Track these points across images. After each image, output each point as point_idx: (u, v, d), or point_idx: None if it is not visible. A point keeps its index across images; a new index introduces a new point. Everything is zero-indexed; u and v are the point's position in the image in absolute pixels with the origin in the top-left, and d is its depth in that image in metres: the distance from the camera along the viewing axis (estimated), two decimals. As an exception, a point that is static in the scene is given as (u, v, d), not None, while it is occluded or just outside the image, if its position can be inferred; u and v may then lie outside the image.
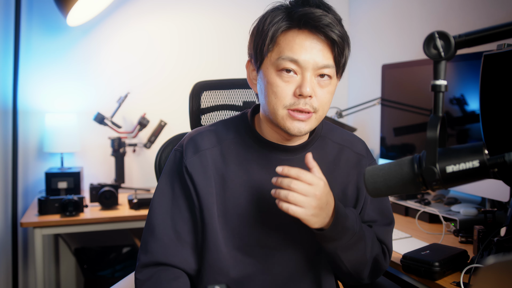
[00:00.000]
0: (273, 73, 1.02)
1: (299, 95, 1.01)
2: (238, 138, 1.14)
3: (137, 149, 2.74)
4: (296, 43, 1.00)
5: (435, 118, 0.69)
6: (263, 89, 1.05)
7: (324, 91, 1.03)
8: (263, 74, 1.05)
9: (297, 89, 1.01)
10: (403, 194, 2.01)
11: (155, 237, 1.11)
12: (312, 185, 0.98)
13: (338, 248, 1.04)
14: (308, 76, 1.00)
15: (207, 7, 2.84)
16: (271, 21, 1.02)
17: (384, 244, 1.18)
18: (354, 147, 1.19)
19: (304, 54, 1.00)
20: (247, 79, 1.15)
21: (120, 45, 2.72)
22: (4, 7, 2.51)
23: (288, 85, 1.01)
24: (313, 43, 1.00)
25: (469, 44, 0.69)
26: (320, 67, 1.01)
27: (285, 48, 1.01)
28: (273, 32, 1.01)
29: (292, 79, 1.01)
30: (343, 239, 1.03)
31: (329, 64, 1.02)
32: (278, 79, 1.02)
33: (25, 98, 2.57)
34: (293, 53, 1.00)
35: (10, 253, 2.54)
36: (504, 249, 1.25)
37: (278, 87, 1.01)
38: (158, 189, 1.16)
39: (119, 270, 2.64)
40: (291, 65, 1.00)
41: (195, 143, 1.13)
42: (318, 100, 1.03)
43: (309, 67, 1.00)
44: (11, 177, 2.51)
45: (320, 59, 1.00)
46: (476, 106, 1.75)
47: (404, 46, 2.52)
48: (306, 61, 1.00)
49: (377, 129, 2.62)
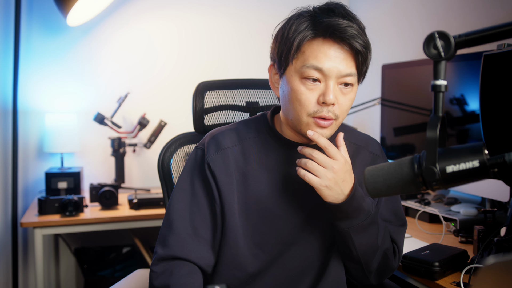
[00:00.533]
0: (297, 80, 1.05)
1: (322, 103, 1.03)
2: (259, 137, 1.17)
3: (137, 149, 2.74)
4: (321, 52, 1.02)
5: (435, 118, 0.69)
6: (286, 95, 1.08)
7: (346, 98, 1.06)
8: (286, 80, 1.07)
9: (320, 96, 1.03)
10: (403, 194, 2.01)
11: (172, 232, 1.13)
12: (333, 158, 1.03)
13: (351, 227, 1.06)
14: (332, 84, 1.03)
15: (207, 7, 2.84)
16: (296, 29, 1.04)
17: (396, 244, 1.19)
18: (370, 147, 1.22)
19: (328, 62, 1.02)
20: (268, 81, 1.17)
21: (120, 45, 2.72)
22: (4, 7, 2.51)
23: (312, 93, 1.04)
24: (337, 53, 1.03)
25: (469, 44, 0.69)
26: (343, 75, 1.04)
27: (309, 57, 1.03)
28: (299, 41, 1.04)
29: (316, 87, 1.04)
30: (357, 218, 1.05)
31: (352, 73, 1.05)
32: (302, 86, 1.04)
33: (25, 98, 2.57)
34: (318, 61, 1.02)
35: (10, 253, 2.54)
36: (504, 249, 1.25)
37: (303, 94, 1.04)
38: (177, 186, 1.18)
39: (119, 270, 2.64)
40: (315, 73, 1.03)
41: (217, 141, 1.16)
42: (340, 108, 1.06)
43: (333, 75, 1.03)
44: (11, 177, 2.51)
45: (343, 67, 1.03)
46: (476, 106, 1.75)
47: (404, 46, 2.52)
48: (330, 69, 1.02)
49: (377, 129, 2.62)
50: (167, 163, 1.47)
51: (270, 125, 1.17)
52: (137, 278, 1.49)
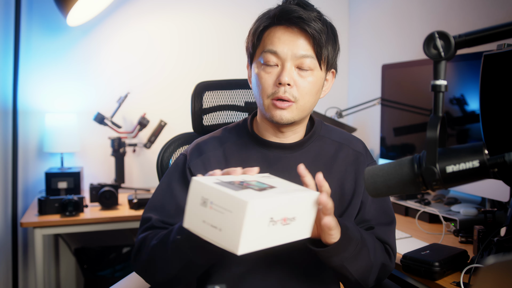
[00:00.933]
0: (259, 67, 1.12)
1: (278, 84, 1.09)
2: (239, 140, 1.20)
3: (137, 149, 2.74)
4: (276, 37, 1.10)
5: (435, 118, 0.69)
6: (253, 84, 1.15)
7: (305, 81, 1.10)
8: (253, 70, 1.15)
9: (277, 78, 1.09)
10: (403, 194, 2.01)
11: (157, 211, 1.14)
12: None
13: (345, 260, 1.03)
14: (288, 66, 1.08)
15: (207, 7, 2.84)
16: (256, 22, 1.15)
17: (387, 244, 1.18)
18: (353, 145, 1.22)
19: (282, 46, 1.09)
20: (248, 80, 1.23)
21: (120, 45, 2.72)
22: (4, 7, 2.51)
23: (270, 75, 1.10)
24: (291, 36, 1.09)
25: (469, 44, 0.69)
26: (298, 57, 1.08)
27: (267, 43, 1.11)
28: (255, 29, 1.13)
29: (274, 70, 1.10)
30: (348, 249, 1.02)
31: (308, 54, 1.09)
32: (262, 71, 1.11)
33: (25, 98, 2.58)
34: (273, 45, 1.09)
35: (10, 253, 2.54)
36: (504, 249, 1.25)
37: (262, 78, 1.11)
38: (158, 187, 1.20)
39: (119, 270, 2.64)
40: (272, 58, 1.09)
41: (199, 148, 1.20)
42: (299, 90, 1.10)
43: (288, 58, 1.08)
44: (11, 177, 2.51)
45: (298, 50, 1.08)
46: (476, 106, 1.75)
47: (404, 46, 2.52)
48: (284, 52, 1.08)
49: (377, 129, 2.62)
50: (166, 163, 1.47)
51: (249, 127, 1.20)
52: (137, 278, 1.49)
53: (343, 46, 3.03)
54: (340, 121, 2.59)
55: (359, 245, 1.05)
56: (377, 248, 1.13)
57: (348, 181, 1.18)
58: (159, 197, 1.17)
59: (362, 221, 1.18)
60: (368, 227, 1.19)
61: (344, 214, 1.16)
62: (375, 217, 1.19)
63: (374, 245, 1.12)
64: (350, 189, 1.18)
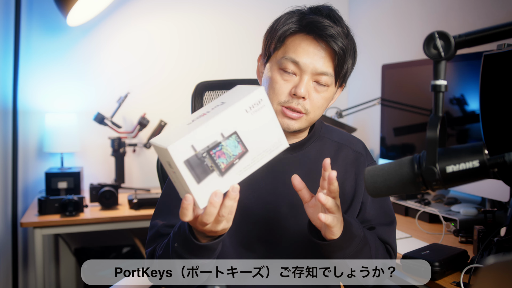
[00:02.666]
0: (275, 70, 1.09)
1: (293, 95, 1.07)
2: None
3: (137, 149, 2.74)
4: (301, 46, 1.07)
5: (435, 118, 0.69)
6: (265, 83, 1.12)
7: (319, 96, 1.09)
8: (268, 69, 1.12)
9: (293, 88, 1.07)
10: (403, 194, 2.01)
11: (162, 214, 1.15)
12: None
13: (347, 256, 1.03)
14: (306, 79, 1.07)
15: (207, 7, 2.84)
16: (284, 23, 1.10)
17: (388, 244, 1.18)
18: (353, 146, 1.22)
19: (305, 58, 1.06)
20: (256, 71, 1.21)
21: (120, 45, 2.72)
22: (4, 7, 2.51)
23: (286, 83, 1.08)
24: (316, 50, 1.06)
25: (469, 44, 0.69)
26: (318, 72, 1.07)
27: (290, 49, 1.08)
28: (282, 33, 1.09)
29: (291, 78, 1.08)
30: (351, 246, 1.03)
31: (328, 72, 1.07)
32: (278, 76, 1.08)
33: (25, 98, 2.58)
34: (296, 55, 1.06)
35: (10, 253, 2.54)
36: (504, 249, 1.25)
37: (277, 83, 1.08)
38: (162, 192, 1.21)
39: (119, 270, 2.64)
40: (291, 66, 1.07)
41: None
42: (311, 103, 1.08)
43: (308, 71, 1.06)
44: (11, 177, 2.51)
45: (320, 65, 1.06)
46: (476, 106, 1.75)
47: (404, 46, 2.52)
48: (306, 64, 1.06)
49: (377, 129, 2.62)
50: (167, 163, 1.47)
51: None
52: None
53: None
54: (340, 121, 2.59)
55: (362, 242, 1.05)
56: (378, 247, 1.13)
57: (349, 182, 1.18)
58: (163, 200, 1.18)
59: (363, 221, 1.18)
60: (369, 228, 1.19)
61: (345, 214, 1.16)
62: (376, 218, 1.19)
63: (375, 244, 1.12)
64: (351, 189, 1.18)
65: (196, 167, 0.81)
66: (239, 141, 0.85)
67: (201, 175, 0.82)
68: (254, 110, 0.87)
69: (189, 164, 0.81)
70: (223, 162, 0.84)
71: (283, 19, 1.11)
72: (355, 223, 1.06)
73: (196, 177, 0.82)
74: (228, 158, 0.84)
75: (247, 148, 0.86)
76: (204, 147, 0.82)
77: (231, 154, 0.85)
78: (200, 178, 0.82)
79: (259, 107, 0.87)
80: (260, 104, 0.87)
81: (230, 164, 0.85)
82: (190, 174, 0.81)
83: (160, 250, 1.07)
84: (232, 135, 0.85)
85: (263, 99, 0.87)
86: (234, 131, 0.85)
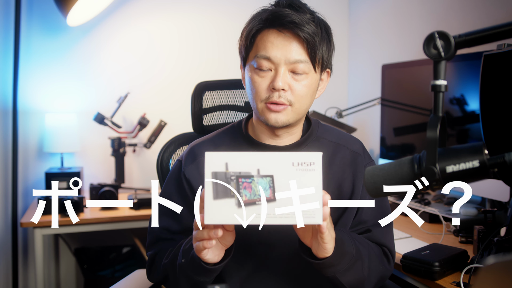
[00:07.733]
0: (252, 71, 1.11)
1: (272, 89, 1.08)
2: (234, 143, 1.19)
3: (137, 149, 2.74)
4: (269, 41, 1.08)
5: (435, 118, 0.69)
6: (247, 87, 1.14)
7: (299, 84, 1.09)
8: (246, 72, 1.14)
9: (271, 83, 1.08)
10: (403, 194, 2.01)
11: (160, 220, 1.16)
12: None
13: (337, 272, 1.03)
14: (282, 71, 1.07)
15: (207, 7, 2.84)
16: (249, 23, 1.13)
17: (385, 246, 1.17)
18: (350, 146, 1.21)
19: (275, 51, 1.07)
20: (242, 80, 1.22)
21: (120, 45, 2.72)
22: (4, 7, 2.51)
23: (263, 80, 1.09)
24: (284, 41, 1.07)
25: (469, 44, 0.69)
26: (292, 62, 1.07)
27: (260, 47, 1.09)
28: (248, 33, 1.11)
29: (267, 74, 1.09)
30: (342, 263, 1.02)
31: (301, 59, 1.08)
32: (255, 75, 1.10)
33: (25, 98, 2.57)
34: (266, 51, 1.08)
35: (10, 253, 2.54)
36: (504, 249, 1.25)
37: (255, 82, 1.10)
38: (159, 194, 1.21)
39: (119, 270, 2.64)
40: (265, 63, 1.08)
41: (193, 152, 1.20)
42: (294, 93, 1.09)
43: (281, 63, 1.07)
44: (11, 177, 2.51)
45: (291, 55, 1.07)
46: (476, 106, 1.75)
47: (404, 46, 2.52)
48: (277, 57, 1.07)
49: (377, 129, 2.62)
50: (166, 163, 1.47)
51: (243, 129, 1.20)
52: (137, 278, 1.49)
53: (343, 46, 3.04)
54: (340, 121, 2.59)
55: (353, 259, 1.04)
56: (372, 258, 1.11)
57: (346, 182, 1.17)
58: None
59: (360, 222, 1.18)
60: (365, 229, 1.18)
61: (342, 216, 1.16)
62: (373, 218, 1.18)
63: (369, 256, 1.10)
64: (348, 190, 1.17)
65: (219, 184, 0.82)
66: (271, 186, 0.84)
67: (220, 193, 0.82)
68: (301, 168, 0.84)
69: (215, 177, 0.81)
70: (246, 195, 0.83)
71: (249, 20, 1.13)
72: (347, 239, 1.04)
73: (215, 192, 0.82)
74: (253, 195, 0.83)
75: (276, 198, 0.84)
76: (236, 171, 0.83)
77: (257, 193, 0.83)
78: (217, 195, 0.82)
79: (309, 169, 0.85)
80: (310, 166, 0.85)
81: (252, 201, 0.83)
82: (212, 186, 0.82)
83: (166, 259, 1.10)
84: (268, 177, 0.84)
85: (316, 164, 0.85)
86: (271, 175, 0.84)
